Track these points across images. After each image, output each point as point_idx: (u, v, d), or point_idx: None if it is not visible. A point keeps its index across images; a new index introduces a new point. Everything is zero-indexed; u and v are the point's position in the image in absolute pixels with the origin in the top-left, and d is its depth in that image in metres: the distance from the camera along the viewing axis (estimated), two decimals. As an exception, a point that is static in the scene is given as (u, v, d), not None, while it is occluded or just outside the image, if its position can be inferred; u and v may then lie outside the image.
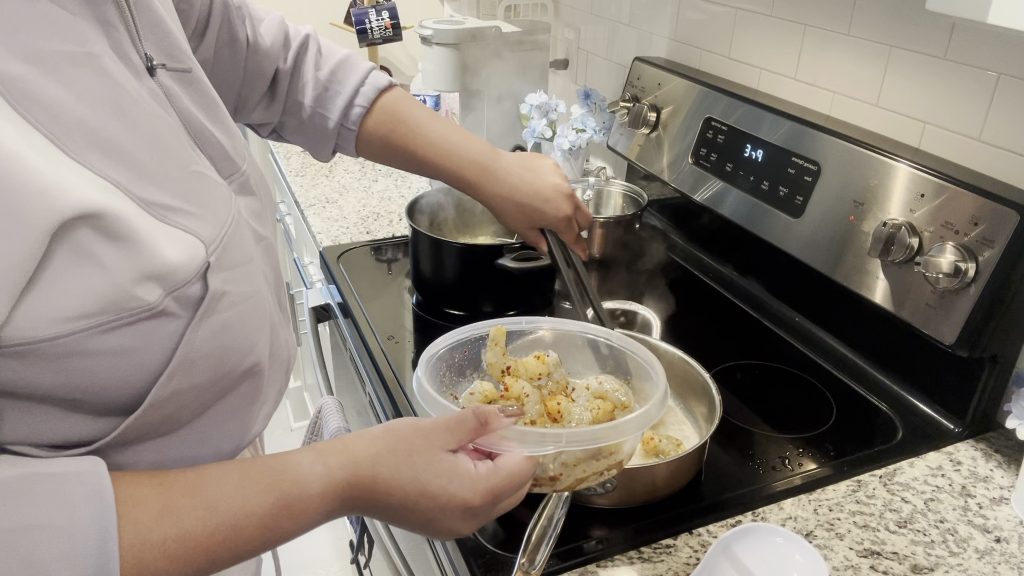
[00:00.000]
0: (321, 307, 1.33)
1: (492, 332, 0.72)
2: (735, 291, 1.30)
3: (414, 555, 0.99)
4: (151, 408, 0.50)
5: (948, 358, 0.94)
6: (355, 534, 1.14)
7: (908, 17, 1.03)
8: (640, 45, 1.62)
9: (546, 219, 0.95)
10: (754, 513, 0.84)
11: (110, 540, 0.44)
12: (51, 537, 0.43)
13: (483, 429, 0.59)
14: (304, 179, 1.73)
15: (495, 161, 0.93)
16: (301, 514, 0.53)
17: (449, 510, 0.56)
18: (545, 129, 1.64)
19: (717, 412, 0.87)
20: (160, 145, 0.52)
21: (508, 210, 0.94)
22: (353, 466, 0.55)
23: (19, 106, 0.43)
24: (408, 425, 0.58)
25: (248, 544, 0.51)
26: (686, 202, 1.37)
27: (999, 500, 0.86)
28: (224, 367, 0.55)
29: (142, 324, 0.48)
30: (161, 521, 0.47)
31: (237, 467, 0.53)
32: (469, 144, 0.93)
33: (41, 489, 0.44)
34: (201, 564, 0.49)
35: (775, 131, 1.17)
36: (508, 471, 0.58)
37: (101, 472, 0.47)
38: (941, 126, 1.02)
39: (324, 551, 2.03)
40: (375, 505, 0.56)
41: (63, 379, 0.47)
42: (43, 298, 0.44)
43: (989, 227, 0.87)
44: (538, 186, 0.94)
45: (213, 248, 0.53)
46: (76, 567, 0.43)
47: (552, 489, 0.66)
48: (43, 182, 0.42)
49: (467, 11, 2.08)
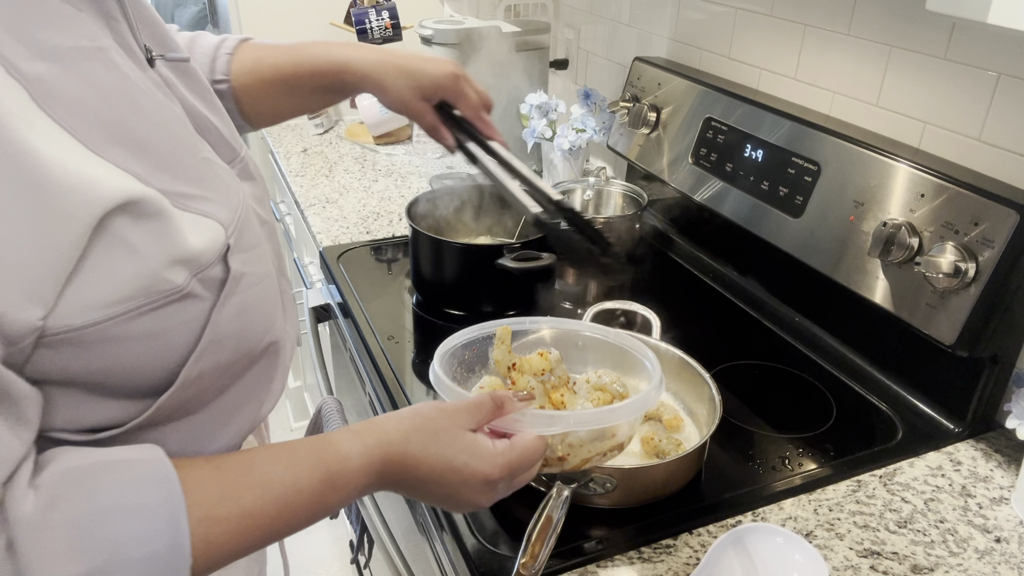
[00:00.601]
0: (321, 307, 1.33)
1: (498, 331, 0.77)
2: (735, 291, 1.30)
3: (414, 555, 0.99)
4: (182, 387, 0.53)
5: (948, 358, 0.94)
6: (355, 534, 1.14)
7: (908, 17, 1.03)
8: (640, 45, 1.62)
9: (430, 76, 0.87)
10: (754, 513, 0.84)
11: (180, 519, 0.47)
12: (126, 518, 0.46)
13: (499, 411, 0.65)
14: (304, 179, 1.73)
15: (363, 44, 0.92)
16: (343, 488, 0.57)
17: (471, 483, 0.61)
18: (545, 129, 1.64)
19: (717, 412, 0.87)
20: (171, 134, 0.54)
21: (386, 73, 0.87)
22: (387, 444, 0.59)
23: (45, 106, 0.45)
24: (433, 407, 0.63)
25: (298, 517, 0.55)
26: (686, 202, 1.37)
27: (999, 500, 0.86)
28: (245, 345, 0.58)
29: (170, 307, 0.50)
30: (223, 499, 0.51)
31: (284, 448, 0.57)
32: (328, 42, 0.90)
33: (112, 475, 0.47)
34: (258, 537, 0.53)
35: (775, 131, 1.17)
36: (523, 448, 0.64)
37: (163, 458, 0.50)
38: (941, 126, 1.02)
39: (324, 551, 2.03)
40: (406, 479, 0.61)
41: (99, 364, 0.49)
42: (81, 287, 0.46)
43: (989, 227, 0.87)
44: (417, 52, 0.90)
45: (231, 231, 0.55)
46: (151, 545, 0.46)
47: (560, 469, 0.71)
48: (79, 177, 0.44)
49: (467, 11, 2.08)
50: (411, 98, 0.88)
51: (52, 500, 0.44)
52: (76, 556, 0.43)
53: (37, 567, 0.42)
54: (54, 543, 0.43)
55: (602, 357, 0.84)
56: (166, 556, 0.47)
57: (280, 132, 2.04)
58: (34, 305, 0.44)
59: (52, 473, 0.45)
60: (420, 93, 0.88)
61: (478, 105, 0.90)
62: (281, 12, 2.00)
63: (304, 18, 2.02)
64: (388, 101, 0.89)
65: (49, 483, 0.45)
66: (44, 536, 0.43)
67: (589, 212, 1.49)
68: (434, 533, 0.87)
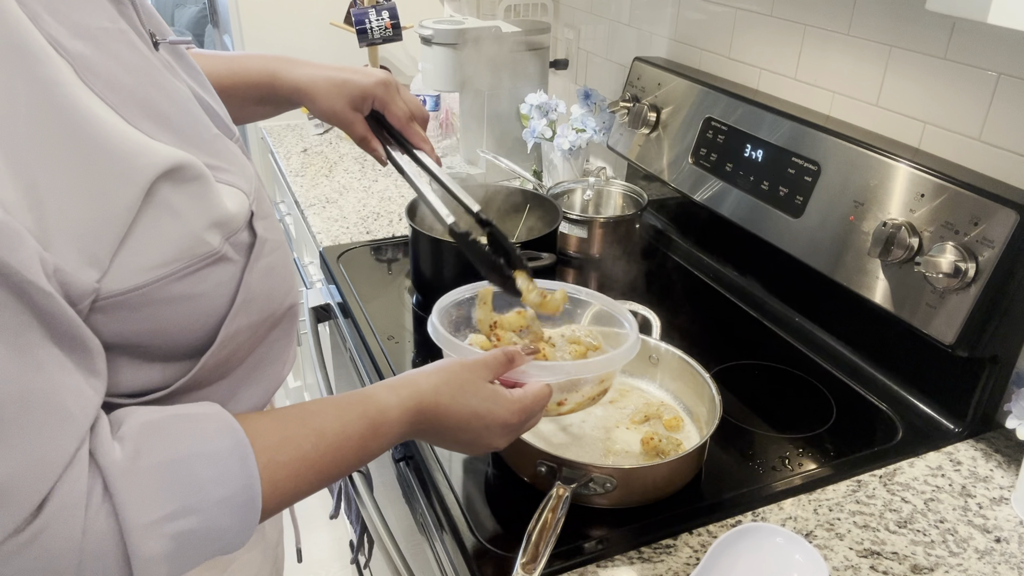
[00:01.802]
0: (321, 307, 1.33)
1: (480, 293, 0.86)
2: (735, 291, 1.30)
3: (414, 555, 0.98)
4: (221, 346, 0.57)
5: (948, 358, 0.94)
6: (355, 534, 1.14)
7: (908, 17, 1.03)
8: (640, 45, 1.62)
9: (359, 85, 0.88)
10: (754, 513, 0.84)
11: (250, 462, 0.52)
12: (204, 463, 0.50)
13: (510, 364, 0.74)
14: (304, 179, 1.73)
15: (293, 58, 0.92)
16: (384, 436, 0.63)
17: (493, 427, 0.70)
18: (545, 129, 1.64)
19: (717, 412, 0.87)
20: (188, 111, 0.57)
21: (316, 85, 0.89)
22: (419, 396, 0.66)
23: (87, 81, 0.47)
24: (456, 363, 0.71)
25: (347, 462, 0.61)
26: (686, 202, 1.37)
27: (999, 500, 0.86)
28: (271, 306, 0.62)
29: (207, 270, 0.54)
30: (284, 446, 0.56)
31: (331, 401, 0.63)
32: (258, 54, 0.92)
33: (184, 426, 0.51)
34: (315, 479, 0.58)
35: (775, 131, 1.17)
36: (534, 394, 0.73)
37: (223, 411, 0.54)
38: (941, 126, 1.02)
39: (324, 551, 2.03)
40: (437, 427, 0.68)
41: (145, 327, 0.52)
42: (131, 250, 0.49)
43: (989, 227, 0.87)
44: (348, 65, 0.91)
45: (252, 199, 0.59)
46: (228, 486, 0.51)
47: (558, 413, 0.81)
48: (133, 144, 0.48)
49: (467, 11, 2.08)
50: (341, 108, 0.89)
51: (136, 449, 0.48)
52: (164, 498, 0.48)
53: (131, 507, 0.47)
54: (143, 487, 0.47)
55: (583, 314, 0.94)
56: (241, 496, 0.51)
57: (280, 132, 2.04)
58: (91, 267, 0.47)
59: (131, 426, 0.50)
60: (350, 103, 0.89)
61: (407, 115, 0.91)
62: (281, 12, 2.00)
63: (304, 18, 2.02)
64: (319, 111, 0.90)
65: (131, 435, 0.49)
66: (135, 480, 0.47)
67: (589, 212, 1.49)
68: (434, 533, 0.87)
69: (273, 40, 2.01)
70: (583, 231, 1.40)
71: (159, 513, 0.48)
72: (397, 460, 0.99)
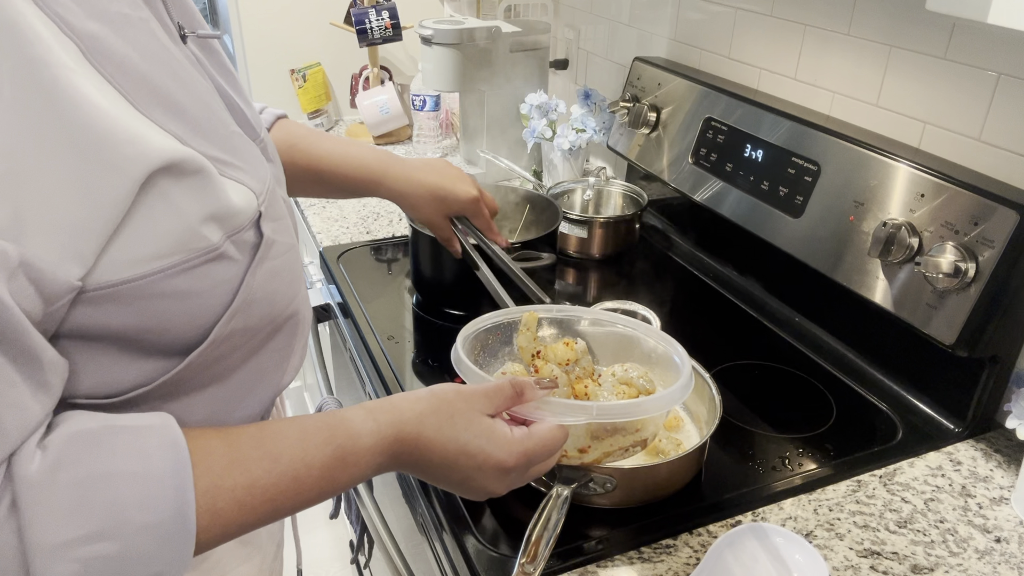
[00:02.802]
0: (321, 307, 1.33)
1: (524, 317, 0.77)
2: (735, 291, 1.30)
3: (414, 555, 0.98)
4: (211, 346, 0.54)
5: (948, 358, 0.94)
6: (355, 534, 1.14)
7: (908, 17, 1.03)
8: (640, 45, 1.62)
9: (458, 201, 0.99)
10: (754, 513, 0.84)
11: (186, 486, 0.47)
12: (131, 483, 0.45)
13: (519, 398, 0.64)
14: (304, 179, 1.73)
15: (396, 158, 0.98)
16: (354, 466, 0.57)
17: (486, 469, 0.61)
18: (545, 129, 1.64)
19: (717, 412, 0.87)
20: (206, 105, 0.55)
21: (419, 196, 0.98)
22: (400, 423, 0.59)
23: (96, 62, 0.46)
24: (451, 389, 0.62)
25: (308, 493, 0.55)
26: (686, 202, 1.37)
27: (999, 500, 0.86)
28: (272, 311, 0.59)
29: (206, 267, 0.51)
30: (231, 470, 0.50)
31: (295, 422, 0.57)
32: (365, 148, 0.98)
33: (120, 440, 0.47)
34: (266, 511, 0.52)
35: (775, 131, 1.17)
36: (541, 437, 0.63)
37: (173, 425, 0.49)
38: (941, 126, 1.02)
39: (324, 551, 2.03)
40: (419, 461, 0.60)
41: (136, 321, 0.49)
42: (124, 243, 0.47)
43: (989, 227, 0.87)
44: (442, 170, 1.00)
45: (262, 199, 0.56)
46: (155, 511, 0.46)
47: (580, 462, 0.70)
48: (130, 132, 0.46)
49: (467, 11, 2.08)
50: (437, 217, 1.01)
51: (57, 461, 0.44)
52: (78, 518, 0.44)
53: (38, 526, 0.42)
54: (56, 504, 0.43)
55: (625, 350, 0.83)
56: (171, 523, 0.46)
57: (280, 132, 2.03)
58: (74, 263, 0.44)
59: (60, 435, 0.46)
60: (445, 213, 1.01)
61: (489, 219, 1.04)
62: (281, 12, 2.00)
63: (304, 18, 2.02)
64: (416, 217, 1.02)
65: (56, 444, 0.45)
66: (47, 496, 0.43)
67: (589, 212, 1.49)
68: (434, 533, 0.87)
69: (273, 40, 2.01)
70: (583, 231, 1.40)
71: (71, 534, 0.43)
72: (397, 460, 0.99)
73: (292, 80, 2.03)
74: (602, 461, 0.71)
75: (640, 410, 0.67)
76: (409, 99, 1.88)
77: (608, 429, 0.68)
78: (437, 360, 1.10)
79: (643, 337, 0.81)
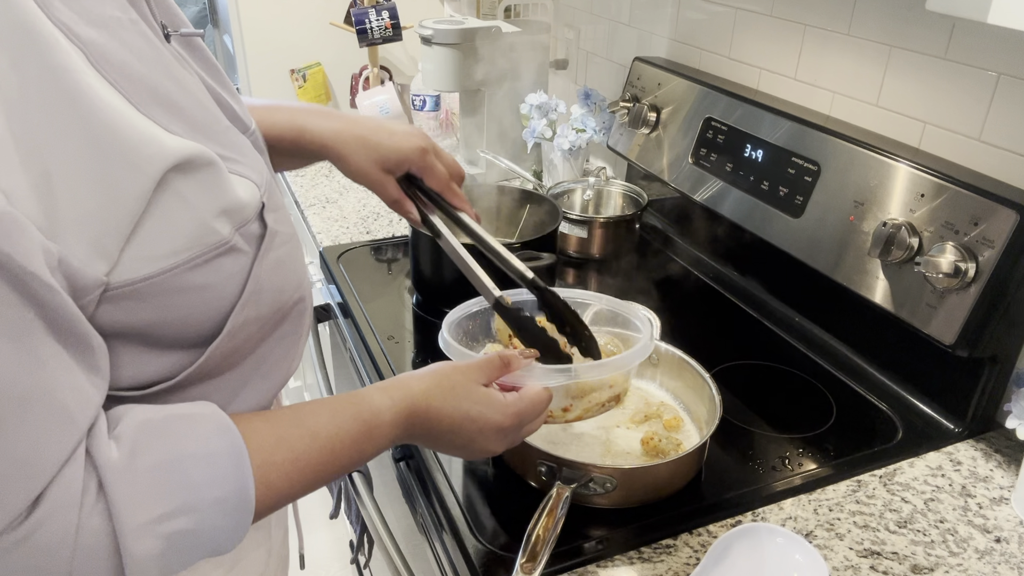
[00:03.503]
0: (321, 307, 1.33)
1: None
2: (735, 291, 1.30)
3: (414, 555, 0.98)
4: (228, 336, 0.56)
5: (948, 358, 0.94)
6: (355, 534, 1.14)
7: (908, 17, 1.03)
8: (640, 45, 1.62)
9: (397, 150, 0.83)
10: (754, 513, 0.84)
11: (244, 464, 0.52)
12: (199, 464, 0.50)
13: (506, 368, 0.72)
14: (304, 179, 1.73)
15: (322, 110, 0.86)
16: (379, 438, 0.63)
17: (486, 431, 0.68)
18: (545, 129, 1.64)
19: (717, 412, 0.87)
20: (200, 102, 0.56)
21: (347, 144, 0.83)
22: (411, 398, 0.66)
23: (100, 68, 0.47)
24: (448, 366, 0.70)
25: (341, 463, 0.61)
26: (686, 202, 1.37)
27: (999, 500, 0.86)
28: (280, 299, 0.62)
29: (218, 260, 0.54)
30: (278, 447, 0.56)
31: (325, 403, 0.63)
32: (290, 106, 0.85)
33: (182, 426, 0.52)
34: (309, 481, 0.58)
35: (775, 131, 1.17)
36: (530, 398, 0.71)
37: (220, 412, 0.54)
38: (941, 126, 1.02)
39: (324, 551, 2.03)
40: (429, 430, 0.67)
41: (155, 316, 0.52)
42: (142, 240, 0.49)
43: (989, 227, 0.87)
44: (381, 122, 0.86)
45: (263, 190, 0.59)
46: (222, 487, 0.51)
47: (564, 420, 0.79)
48: (144, 133, 0.48)
49: (467, 11, 2.08)
50: (372, 170, 0.84)
51: (133, 448, 0.48)
52: (158, 498, 0.48)
53: (126, 507, 0.47)
54: (139, 486, 0.48)
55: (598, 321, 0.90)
56: (235, 497, 0.52)
57: (280, 132, 2.03)
58: (100, 259, 0.47)
59: (128, 425, 0.50)
60: (382, 166, 0.84)
61: (447, 177, 0.87)
62: (281, 12, 2.00)
63: (304, 18, 2.02)
64: (347, 171, 0.85)
65: (128, 434, 0.49)
66: (130, 480, 0.47)
67: (589, 212, 1.49)
68: (434, 533, 0.87)
69: (273, 40, 2.01)
70: (583, 231, 1.40)
71: (154, 513, 0.48)
72: (397, 460, 0.99)
73: (292, 80, 2.03)
74: (583, 417, 0.79)
75: (610, 368, 0.77)
76: (409, 99, 1.88)
77: (587, 388, 0.78)
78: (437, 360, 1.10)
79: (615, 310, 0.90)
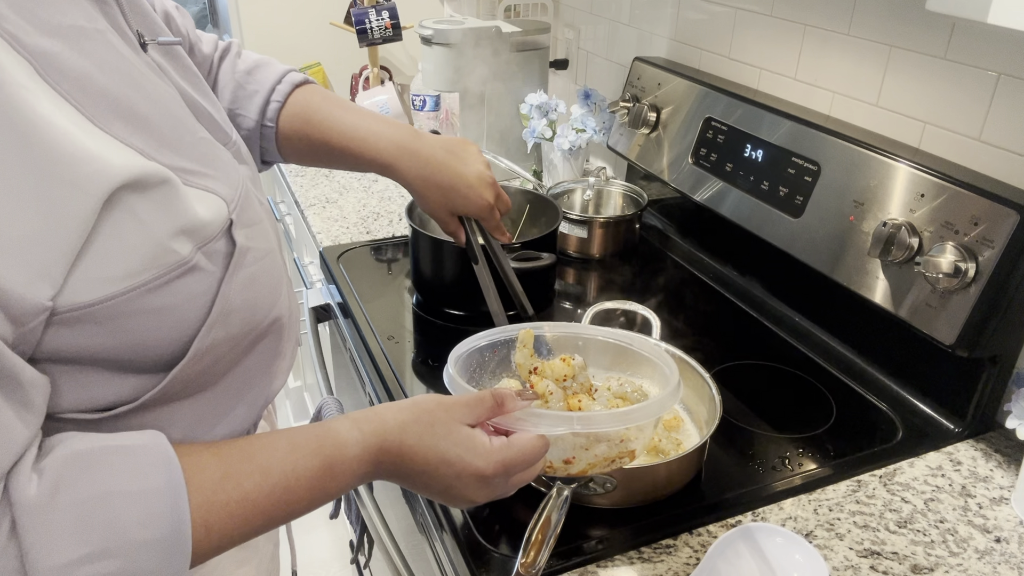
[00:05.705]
0: (321, 307, 1.33)
1: (521, 335, 0.76)
2: (735, 291, 1.30)
3: (414, 555, 0.99)
4: (193, 359, 0.54)
5: (948, 358, 0.94)
6: (355, 534, 1.14)
7: (908, 17, 1.03)
8: (640, 45, 1.62)
9: (469, 206, 0.93)
10: (754, 513, 0.84)
11: (181, 503, 0.48)
12: (129, 502, 0.46)
13: (499, 409, 0.64)
14: (304, 179, 1.73)
15: (415, 142, 0.91)
16: (341, 475, 0.58)
17: (464, 477, 0.61)
18: (545, 129, 1.64)
19: (717, 412, 0.87)
20: (171, 113, 0.55)
21: (430, 193, 0.92)
22: (384, 433, 0.60)
23: (51, 79, 0.45)
24: (432, 400, 0.63)
25: (299, 503, 0.56)
26: (686, 202, 1.37)
27: (999, 500, 0.86)
28: (254, 319, 0.59)
29: (179, 281, 0.51)
30: (223, 485, 0.51)
31: (283, 435, 0.57)
32: (386, 128, 0.91)
33: (115, 459, 0.47)
34: (259, 522, 0.53)
35: (775, 131, 1.17)
36: (520, 447, 0.63)
37: (165, 443, 0.50)
38: (941, 126, 1.02)
39: (324, 551, 2.03)
40: (401, 469, 0.61)
41: (112, 340, 0.49)
42: (91, 262, 0.46)
43: (989, 227, 0.87)
44: (461, 171, 0.92)
45: (233, 206, 0.56)
46: (154, 528, 0.46)
47: (567, 473, 0.69)
48: (89, 151, 0.45)
49: (467, 11, 2.08)
50: (443, 214, 0.95)
51: (55, 484, 0.45)
52: (78, 539, 0.44)
53: (40, 549, 0.43)
54: (57, 526, 0.44)
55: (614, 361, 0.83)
56: (167, 540, 0.47)
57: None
58: (43, 283, 0.44)
59: (56, 457, 0.46)
60: (453, 212, 0.95)
61: (498, 221, 0.98)
62: (281, 12, 2.00)
63: (304, 18, 2.02)
64: (422, 207, 0.96)
65: (52, 467, 0.45)
66: (47, 519, 0.44)
67: (589, 212, 1.49)
68: (434, 533, 0.87)
69: (273, 40, 2.01)
70: (583, 231, 1.40)
71: (72, 555, 0.44)
72: (397, 460, 0.99)
73: (292, 80, 2.03)
74: (588, 472, 0.69)
75: (622, 419, 0.66)
76: (409, 99, 1.88)
77: (592, 439, 0.67)
78: (437, 360, 1.10)
79: (637, 350, 0.81)
